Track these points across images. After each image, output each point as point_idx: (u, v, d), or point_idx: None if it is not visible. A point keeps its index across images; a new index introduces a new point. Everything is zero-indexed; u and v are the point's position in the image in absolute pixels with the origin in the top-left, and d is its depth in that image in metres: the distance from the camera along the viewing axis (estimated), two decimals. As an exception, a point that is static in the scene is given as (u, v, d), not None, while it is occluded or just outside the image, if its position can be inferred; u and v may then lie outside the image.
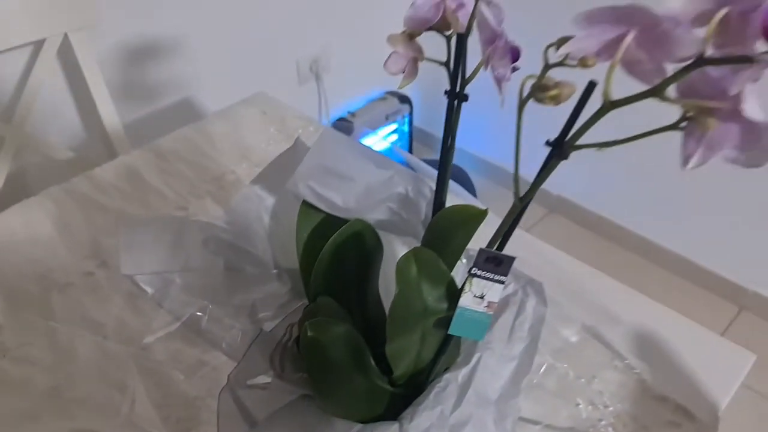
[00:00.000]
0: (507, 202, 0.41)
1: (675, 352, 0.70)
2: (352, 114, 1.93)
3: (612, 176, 1.77)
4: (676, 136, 0.34)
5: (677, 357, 0.70)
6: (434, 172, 0.51)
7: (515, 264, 0.56)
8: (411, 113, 2.06)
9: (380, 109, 1.99)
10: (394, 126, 2.05)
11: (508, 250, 0.44)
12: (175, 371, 0.65)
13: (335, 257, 0.52)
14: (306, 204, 0.54)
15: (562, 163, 0.39)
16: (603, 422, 0.64)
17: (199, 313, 0.52)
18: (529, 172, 0.41)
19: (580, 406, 0.66)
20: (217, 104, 1.12)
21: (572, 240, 1.84)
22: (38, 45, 1.15)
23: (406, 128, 2.09)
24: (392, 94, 2.03)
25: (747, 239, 1.61)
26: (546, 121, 0.57)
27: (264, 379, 0.53)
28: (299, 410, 0.53)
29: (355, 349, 0.48)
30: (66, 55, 1.19)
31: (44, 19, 1.11)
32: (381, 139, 2.03)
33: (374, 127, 1.98)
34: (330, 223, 0.53)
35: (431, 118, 2.17)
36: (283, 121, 1.06)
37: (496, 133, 2.00)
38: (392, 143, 2.08)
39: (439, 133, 1.99)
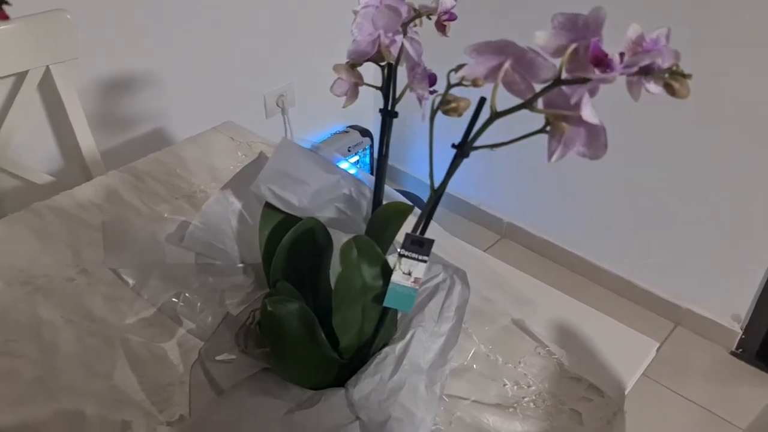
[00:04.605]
0: (468, 229, 0.51)
1: (589, 341, 0.81)
2: (316, 146, 2.04)
3: (555, 204, 1.91)
4: (605, 173, 0.44)
5: (591, 344, 0.81)
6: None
7: (445, 256, 0.66)
8: (372, 146, 2.18)
9: (343, 141, 2.10)
10: (356, 158, 2.17)
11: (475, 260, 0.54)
12: (152, 354, 0.73)
13: (292, 249, 0.61)
14: (267, 206, 0.64)
15: (513, 192, 0.49)
16: (526, 399, 0.74)
17: (174, 299, 0.61)
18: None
19: (507, 386, 0.76)
20: (188, 135, 1.22)
21: (522, 263, 1.96)
22: (21, 76, 1.24)
23: (367, 160, 2.20)
24: (354, 127, 2.14)
25: (681, 261, 1.74)
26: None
27: (229, 355, 0.62)
28: (260, 380, 0.61)
29: (307, 323, 0.58)
30: (47, 86, 1.28)
31: (28, 53, 1.20)
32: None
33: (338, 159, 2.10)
34: (287, 222, 0.63)
35: (392, 151, 2.29)
36: (250, 146, 1.16)
37: (468, 176, 2.13)
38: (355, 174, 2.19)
39: (400, 165, 2.09)
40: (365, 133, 2.13)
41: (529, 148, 0.50)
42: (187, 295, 0.61)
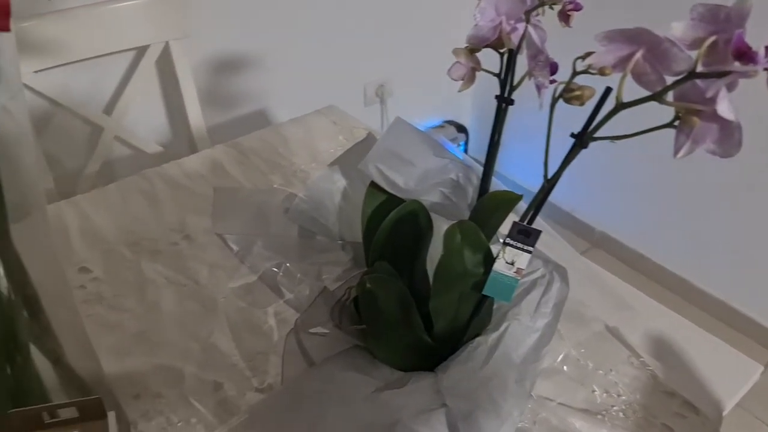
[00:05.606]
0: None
1: (688, 356, 0.78)
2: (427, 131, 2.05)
3: (654, 216, 1.83)
4: (716, 187, 0.43)
5: (690, 360, 0.77)
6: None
7: (546, 251, 0.65)
8: (467, 142, 2.16)
9: (438, 135, 2.10)
10: (449, 153, 2.16)
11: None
12: (248, 321, 0.76)
13: (393, 230, 0.62)
14: (372, 185, 0.64)
15: (608, 200, 0.48)
16: (615, 408, 0.72)
17: (275, 269, 0.63)
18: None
19: (596, 392, 0.74)
20: (288, 117, 1.25)
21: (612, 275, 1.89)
22: (142, 50, 1.30)
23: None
24: (450, 122, 2.14)
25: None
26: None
27: (323, 329, 0.63)
28: (351, 356, 0.62)
29: (404, 303, 0.58)
30: (163, 61, 1.34)
31: (150, 28, 1.26)
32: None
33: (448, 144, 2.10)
34: (390, 202, 0.64)
35: (486, 152, 2.27)
36: (351, 131, 1.18)
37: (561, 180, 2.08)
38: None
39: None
40: (461, 128, 2.12)
41: (628, 152, 0.48)
42: (287, 265, 0.63)
